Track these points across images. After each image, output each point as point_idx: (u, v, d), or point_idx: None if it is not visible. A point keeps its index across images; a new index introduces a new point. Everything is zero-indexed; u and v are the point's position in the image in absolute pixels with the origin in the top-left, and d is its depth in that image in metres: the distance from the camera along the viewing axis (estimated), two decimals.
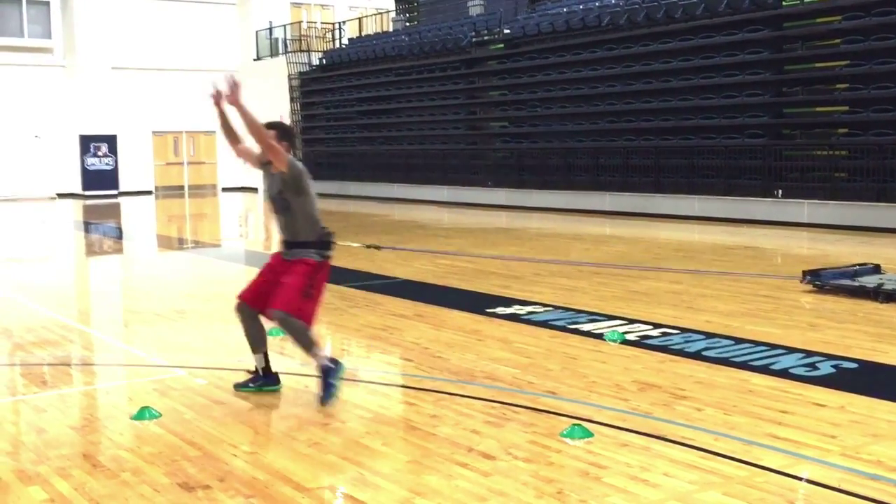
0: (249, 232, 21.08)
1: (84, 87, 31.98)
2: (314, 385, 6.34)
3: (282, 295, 5.56)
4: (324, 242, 5.75)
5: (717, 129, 18.24)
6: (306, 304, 5.61)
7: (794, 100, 17.67)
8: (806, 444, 4.76)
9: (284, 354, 7.45)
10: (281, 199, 5.68)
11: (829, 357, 6.60)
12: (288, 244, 5.79)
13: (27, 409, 5.86)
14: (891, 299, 8.68)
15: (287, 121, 32.19)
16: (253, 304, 5.83)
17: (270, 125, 5.66)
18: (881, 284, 8.92)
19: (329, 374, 5.57)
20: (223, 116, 5.84)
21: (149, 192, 33.31)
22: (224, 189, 34.64)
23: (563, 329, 7.83)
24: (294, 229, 5.72)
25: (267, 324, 5.91)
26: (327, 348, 5.82)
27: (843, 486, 4.18)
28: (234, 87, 5.43)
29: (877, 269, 9.87)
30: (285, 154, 5.58)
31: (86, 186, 31.84)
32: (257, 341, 5.94)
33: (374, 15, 35.05)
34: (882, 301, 8.67)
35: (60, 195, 31.80)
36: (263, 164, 5.76)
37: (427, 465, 4.60)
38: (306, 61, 32.53)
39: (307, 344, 5.63)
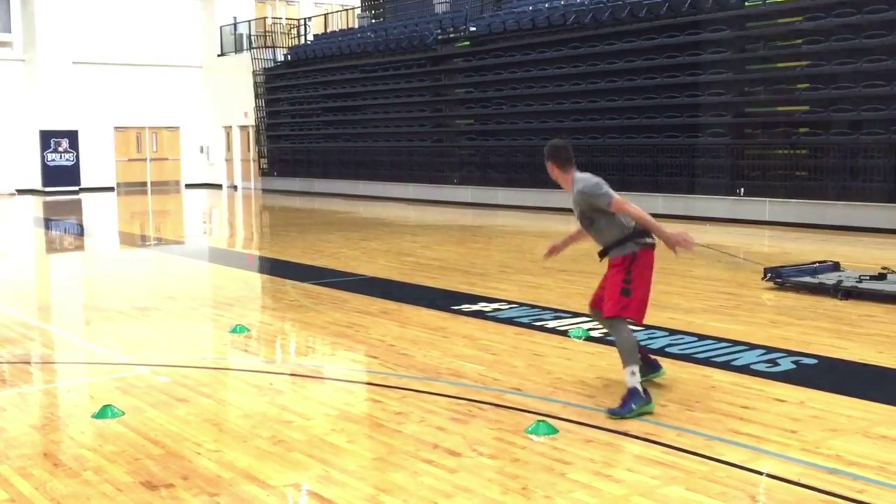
0: (213, 229, 20.90)
1: (44, 81, 31.51)
2: (278, 383, 6.32)
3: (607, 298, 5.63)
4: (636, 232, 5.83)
5: (681, 127, 18.39)
6: (626, 300, 5.58)
7: (755, 99, 17.88)
8: (766, 439, 4.83)
9: (248, 352, 7.42)
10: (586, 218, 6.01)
11: (790, 353, 6.70)
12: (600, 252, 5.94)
13: None
14: (850, 296, 8.82)
15: (252, 117, 32.28)
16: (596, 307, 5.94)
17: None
18: (840, 281, 9.07)
19: (633, 397, 5.27)
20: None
21: (111, 189, 32.91)
22: (188, 185, 34.35)
23: (529, 326, 7.87)
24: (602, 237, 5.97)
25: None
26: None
27: (803, 481, 4.24)
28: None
29: (836, 267, 10.01)
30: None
31: (46, 183, 31.39)
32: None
33: (340, 11, 34.90)
34: (841, 298, 8.81)
35: (20, 191, 31.33)
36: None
37: (393, 462, 4.60)
38: (271, 57, 32.32)
39: (626, 355, 5.47)
